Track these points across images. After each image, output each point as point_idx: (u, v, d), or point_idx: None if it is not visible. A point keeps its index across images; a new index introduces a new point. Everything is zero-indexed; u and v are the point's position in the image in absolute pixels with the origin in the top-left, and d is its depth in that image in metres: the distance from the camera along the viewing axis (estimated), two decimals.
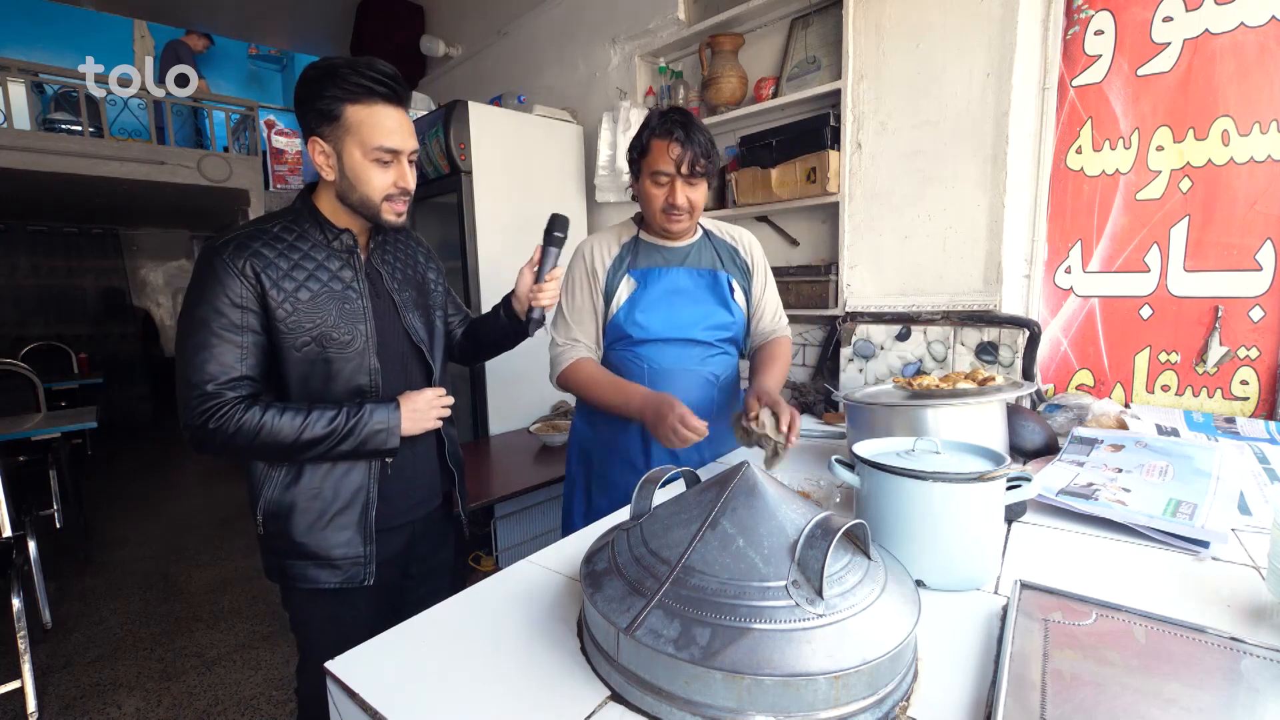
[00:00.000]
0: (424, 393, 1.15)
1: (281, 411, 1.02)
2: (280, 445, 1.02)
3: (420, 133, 2.72)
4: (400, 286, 1.19)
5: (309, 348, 1.05)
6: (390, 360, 1.15)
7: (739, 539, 0.60)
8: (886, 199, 1.87)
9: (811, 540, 0.58)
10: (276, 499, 1.09)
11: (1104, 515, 0.94)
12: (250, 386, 1.02)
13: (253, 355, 1.02)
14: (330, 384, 1.08)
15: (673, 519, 0.67)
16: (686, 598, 0.57)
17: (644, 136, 1.30)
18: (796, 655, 0.51)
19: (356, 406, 1.06)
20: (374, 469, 1.12)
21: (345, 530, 1.11)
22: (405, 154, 1.06)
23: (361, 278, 1.12)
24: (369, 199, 1.06)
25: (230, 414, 0.99)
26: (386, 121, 1.02)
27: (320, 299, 1.05)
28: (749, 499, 0.64)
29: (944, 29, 1.70)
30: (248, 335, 1.01)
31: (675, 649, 0.53)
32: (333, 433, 1.03)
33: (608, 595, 0.61)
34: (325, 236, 1.09)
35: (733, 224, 1.52)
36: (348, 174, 1.04)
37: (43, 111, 5.62)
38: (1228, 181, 1.44)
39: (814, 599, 0.55)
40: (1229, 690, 0.56)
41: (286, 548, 1.10)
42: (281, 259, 1.04)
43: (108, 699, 2.13)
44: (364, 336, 1.09)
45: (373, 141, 1.02)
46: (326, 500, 1.09)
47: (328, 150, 1.04)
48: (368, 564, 1.12)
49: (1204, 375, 1.50)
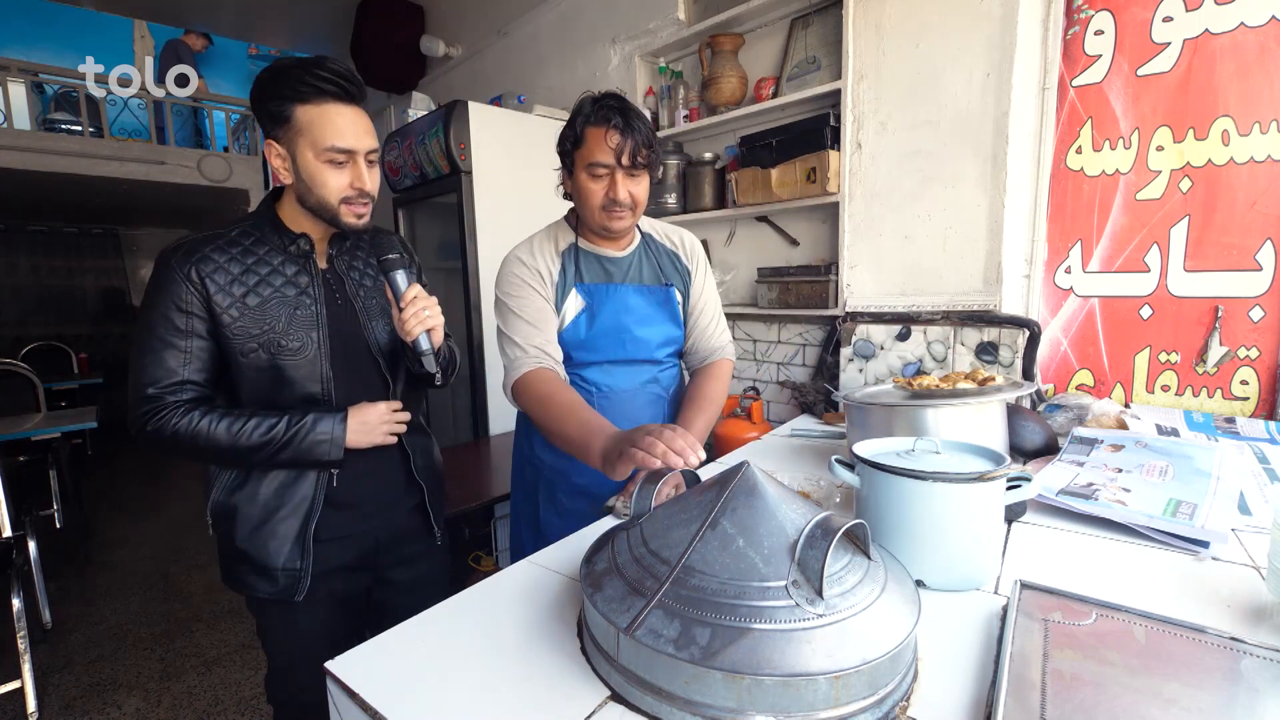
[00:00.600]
0: (376, 406, 1.12)
1: (220, 418, 1.01)
2: (217, 450, 1.01)
3: (420, 133, 2.72)
4: (366, 294, 1.16)
5: (256, 354, 1.03)
6: (348, 369, 1.12)
7: (739, 539, 0.60)
8: (886, 199, 1.87)
9: (811, 540, 0.58)
10: (222, 501, 1.08)
11: (1104, 515, 0.94)
12: (193, 390, 1.01)
13: (197, 360, 1.01)
14: (281, 391, 1.06)
15: (673, 519, 0.67)
16: (686, 598, 0.57)
17: (577, 125, 1.18)
18: (796, 655, 0.51)
19: (300, 415, 1.04)
20: (322, 480, 1.10)
21: (284, 540, 1.08)
22: (361, 154, 1.03)
23: (318, 283, 1.09)
24: (325, 201, 1.03)
25: (167, 418, 0.99)
26: (337, 120, 1.00)
27: (270, 305, 1.04)
28: (749, 499, 0.64)
29: (944, 29, 1.70)
30: (192, 340, 1.00)
31: (675, 649, 0.53)
32: (269, 442, 1.02)
33: (608, 595, 0.61)
34: (282, 241, 1.08)
35: (674, 226, 1.43)
36: (303, 176, 1.02)
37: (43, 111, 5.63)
38: (1228, 181, 1.44)
39: (814, 599, 0.55)
40: (1229, 690, 0.56)
41: (230, 551, 1.09)
42: (233, 264, 1.03)
43: (108, 699, 2.13)
44: (316, 344, 1.07)
45: (323, 142, 0.99)
46: (269, 508, 1.07)
47: (283, 153, 1.02)
48: (302, 577, 1.08)
49: (1204, 375, 1.50)
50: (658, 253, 1.36)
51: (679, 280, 1.36)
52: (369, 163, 1.05)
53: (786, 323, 2.25)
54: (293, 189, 1.05)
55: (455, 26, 3.98)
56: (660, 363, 1.34)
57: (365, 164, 1.04)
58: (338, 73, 1.00)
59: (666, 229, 1.41)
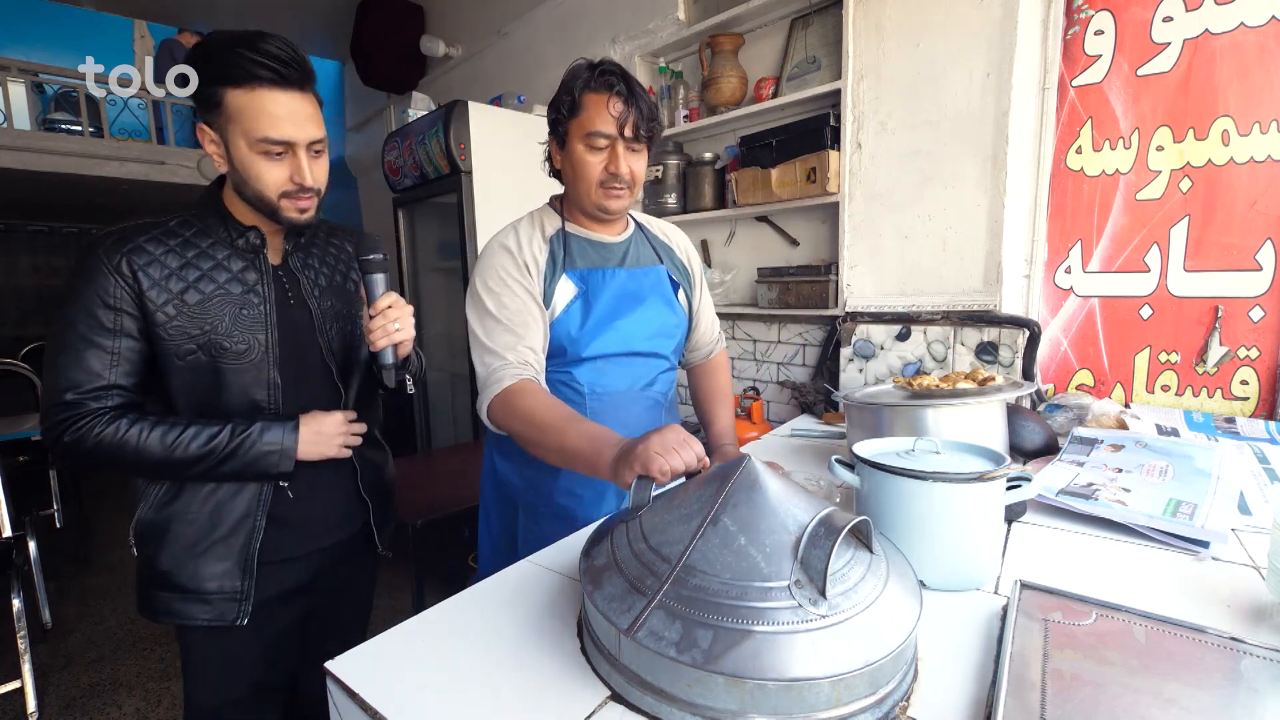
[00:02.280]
0: (332, 415, 1.03)
1: (152, 426, 0.91)
2: (149, 463, 0.91)
3: (420, 133, 2.72)
4: (322, 295, 1.07)
5: (194, 356, 0.94)
6: (298, 376, 1.02)
7: (740, 536, 0.59)
8: (886, 199, 1.87)
9: (815, 539, 0.57)
10: (150, 519, 0.98)
11: (1104, 515, 0.94)
12: (120, 396, 0.91)
13: (126, 362, 0.91)
14: (220, 396, 0.96)
15: (673, 513, 0.66)
16: (688, 598, 0.56)
17: (575, 90, 1.06)
18: (800, 659, 0.51)
19: (245, 424, 0.95)
20: (264, 494, 1.00)
21: (222, 561, 0.98)
22: (301, 145, 0.93)
23: (268, 282, 1.00)
24: (262, 195, 0.94)
25: (89, 426, 0.88)
26: (272, 108, 0.89)
27: (212, 302, 0.94)
28: (750, 494, 0.63)
29: (944, 29, 1.70)
30: (120, 340, 0.91)
31: (677, 652, 0.52)
32: (211, 452, 0.92)
33: (607, 593, 0.60)
34: (229, 234, 0.98)
35: (668, 223, 1.37)
36: (237, 167, 0.93)
37: (43, 111, 5.63)
38: (1228, 181, 1.43)
39: (817, 599, 0.54)
40: (1229, 690, 0.56)
41: (153, 575, 0.99)
42: (171, 256, 0.93)
43: (108, 699, 2.13)
44: (263, 347, 0.98)
45: (256, 131, 0.89)
46: (203, 526, 0.97)
47: (216, 139, 0.92)
48: (243, 600, 0.99)
49: (1204, 375, 1.50)
50: (653, 242, 1.27)
51: (676, 272, 1.29)
52: (313, 154, 0.95)
53: (786, 323, 2.25)
54: (229, 179, 0.97)
55: (455, 26, 3.98)
56: (654, 358, 1.23)
57: (307, 155, 0.94)
58: (274, 54, 0.89)
59: (659, 224, 1.34)
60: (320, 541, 1.08)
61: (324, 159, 0.99)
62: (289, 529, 1.03)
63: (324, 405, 1.05)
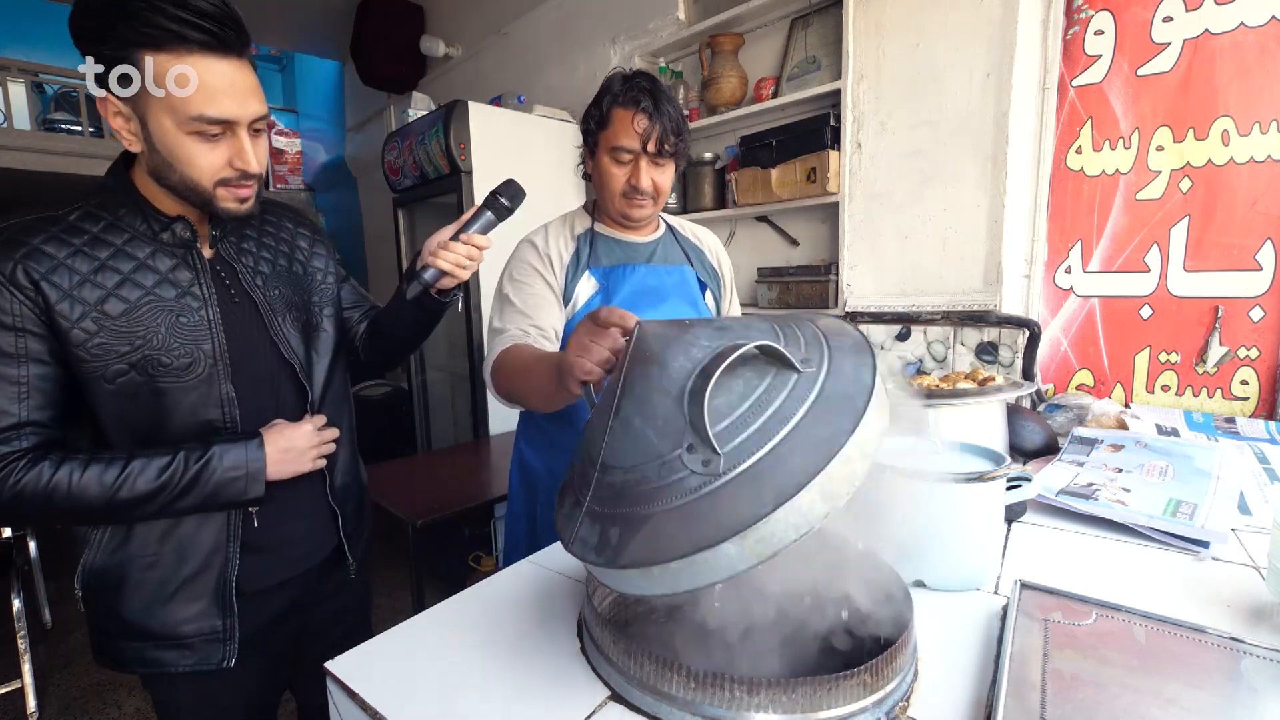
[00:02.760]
0: (300, 426, 0.89)
1: (84, 466, 0.76)
2: (87, 509, 0.76)
3: (420, 133, 2.72)
4: (266, 283, 0.91)
5: (126, 378, 0.78)
6: (252, 383, 0.88)
7: (635, 418, 0.53)
8: (886, 199, 1.87)
9: (694, 394, 0.49)
10: (100, 566, 0.83)
11: (1104, 515, 0.94)
12: (37, 435, 0.76)
13: (38, 394, 0.76)
14: (163, 423, 0.81)
15: (597, 415, 0.59)
16: (604, 498, 0.52)
17: (604, 104, 1.09)
18: (698, 527, 0.44)
19: (200, 448, 0.81)
20: (234, 523, 0.87)
21: (196, 602, 0.85)
22: (243, 124, 0.77)
23: (206, 280, 0.84)
24: (192, 182, 0.77)
25: (5, 476, 0.73)
26: (208, 79, 0.72)
27: (141, 311, 0.78)
28: (644, 368, 0.54)
29: (944, 29, 1.70)
30: (28, 366, 0.75)
31: (596, 555, 0.49)
32: (164, 486, 0.78)
33: (564, 513, 0.57)
34: (150, 226, 0.81)
35: (700, 225, 1.38)
36: (159, 149, 0.75)
37: (43, 111, 5.62)
38: (1228, 181, 1.43)
39: (711, 458, 0.47)
40: (1229, 690, 0.56)
41: (114, 628, 0.85)
42: (79, 259, 0.76)
43: (108, 699, 2.13)
44: (210, 357, 0.83)
45: (189, 109, 0.72)
46: (168, 566, 0.84)
47: (126, 113, 0.74)
48: (227, 640, 0.87)
49: (1204, 375, 1.50)
50: (683, 245, 1.28)
51: (705, 275, 1.28)
52: (254, 133, 0.79)
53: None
54: (144, 161, 0.78)
55: (455, 26, 3.98)
56: None
57: (248, 135, 0.78)
58: (207, 11, 0.71)
59: (692, 227, 1.34)
60: (303, 564, 0.97)
61: (263, 137, 0.82)
62: (266, 554, 0.91)
63: (290, 411, 0.92)
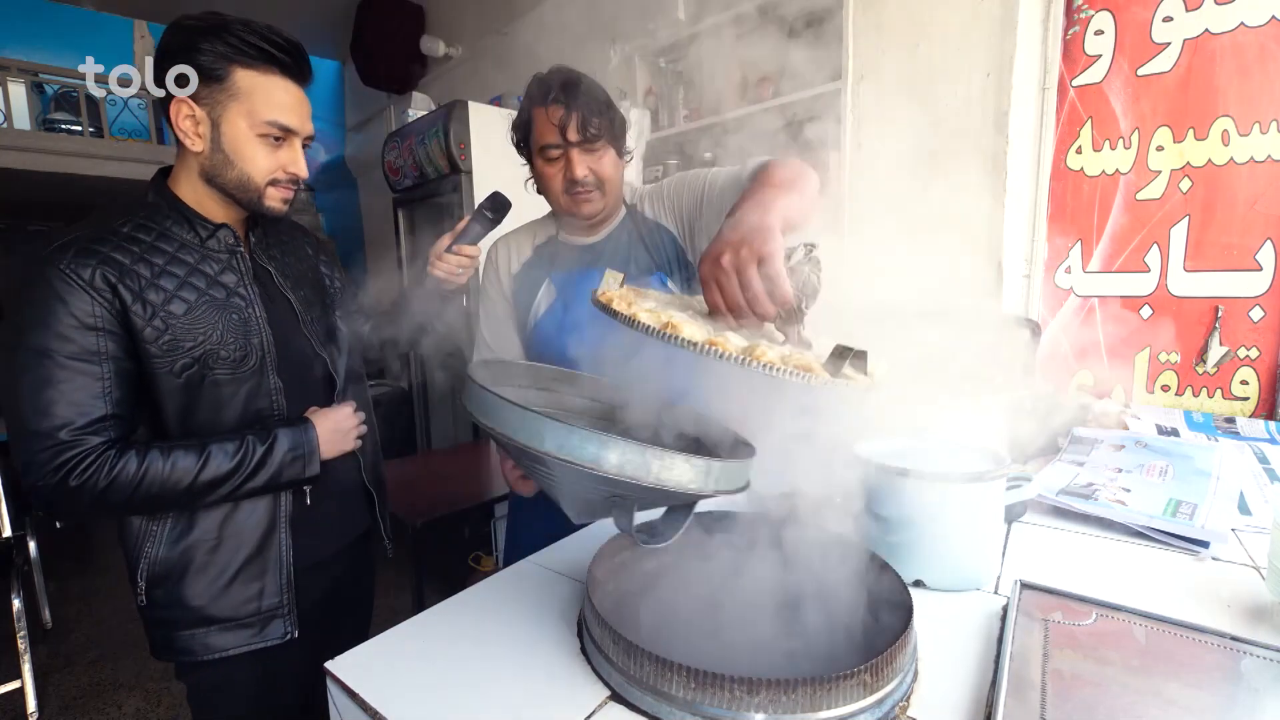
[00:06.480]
0: (341, 409, 1.01)
1: (168, 451, 0.84)
2: (173, 493, 0.84)
3: (420, 133, 2.72)
4: (294, 285, 1.03)
5: (191, 371, 0.87)
6: (293, 375, 0.99)
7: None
8: (887, 199, 1.87)
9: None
10: (164, 558, 0.90)
11: (1104, 515, 0.94)
12: (118, 427, 0.83)
13: (118, 389, 0.83)
14: (220, 412, 0.91)
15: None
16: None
17: (524, 110, 1.09)
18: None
19: (263, 432, 0.91)
20: (285, 504, 0.96)
21: (256, 581, 0.94)
22: (300, 137, 0.92)
23: (250, 281, 0.95)
24: (249, 180, 0.89)
25: (99, 465, 0.80)
26: (282, 95, 0.88)
27: (200, 311, 0.88)
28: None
29: (944, 29, 1.70)
30: (108, 364, 0.82)
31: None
32: (238, 467, 0.87)
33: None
34: (196, 234, 0.92)
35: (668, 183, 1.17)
36: (224, 147, 0.88)
37: (43, 111, 5.63)
38: (1228, 181, 1.43)
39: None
40: (1229, 690, 0.56)
41: (180, 617, 0.92)
42: (141, 265, 0.85)
43: (108, 699, 2.13)
44: (260, 351, 0.93)
45: (265, 114, 0.87)
46: (230, 550, 0.93)
47: (199, 116, 0.86)
48: (288, 614, 0.96)
49: (1204, 375, 1.50)
50: (644, 233, 1.15)
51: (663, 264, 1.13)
52: (304, 148, 0.96)
53: None
54: (200, 162, 0.90)
55: (455, 26, 3.98)
56: None
57: (301, 148, 0.95)
58: (289, 47, 0.88)
59: (658, 196, 1.17)
60: (343, 539, 1.08)
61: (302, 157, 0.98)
62: (311, 532, 1.01)
63: (320, 400, 1.03)
